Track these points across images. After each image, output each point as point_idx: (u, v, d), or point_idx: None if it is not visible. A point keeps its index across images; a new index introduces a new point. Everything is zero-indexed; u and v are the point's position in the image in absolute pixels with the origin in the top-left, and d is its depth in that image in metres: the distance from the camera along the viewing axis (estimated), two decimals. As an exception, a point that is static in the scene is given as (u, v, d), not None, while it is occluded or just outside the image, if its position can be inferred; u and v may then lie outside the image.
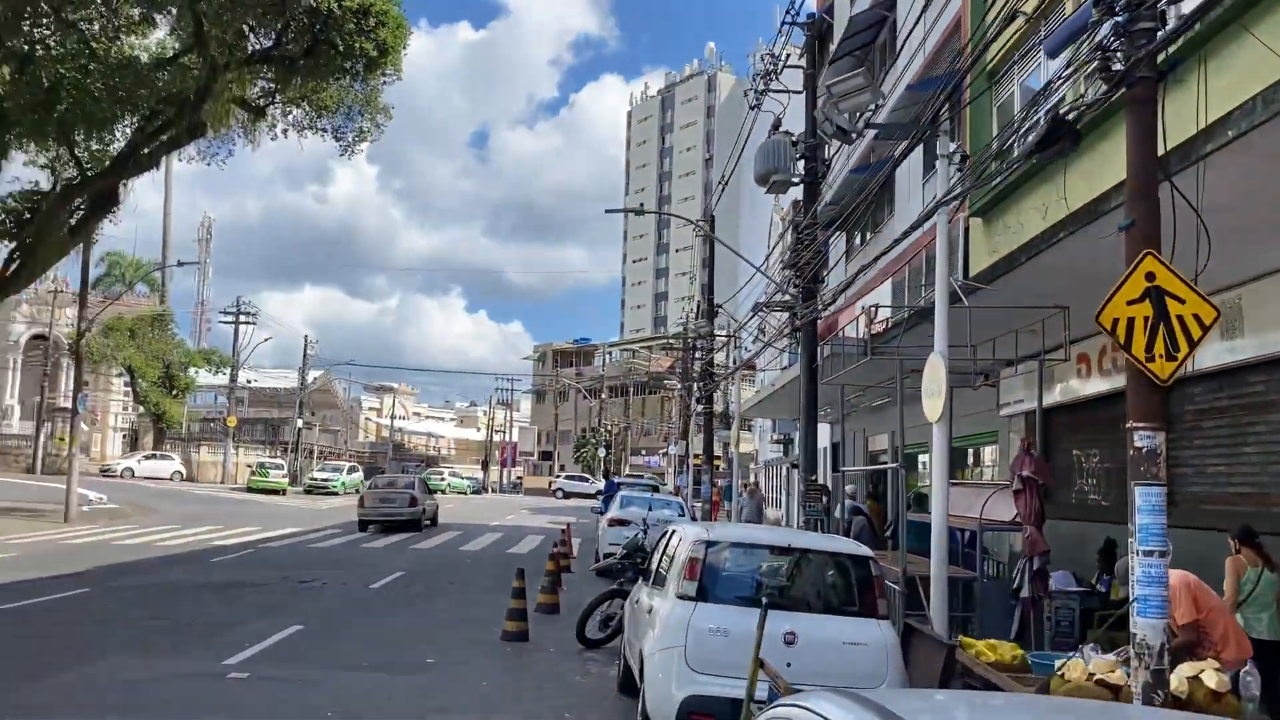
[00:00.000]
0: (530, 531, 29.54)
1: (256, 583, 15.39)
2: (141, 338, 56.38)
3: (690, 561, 7.08)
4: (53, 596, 13.37)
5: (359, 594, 14.69)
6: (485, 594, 15.33)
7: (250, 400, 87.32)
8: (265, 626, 11.46)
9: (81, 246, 31.25)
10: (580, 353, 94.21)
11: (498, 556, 21.76)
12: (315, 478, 52.43)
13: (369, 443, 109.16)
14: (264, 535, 24.75)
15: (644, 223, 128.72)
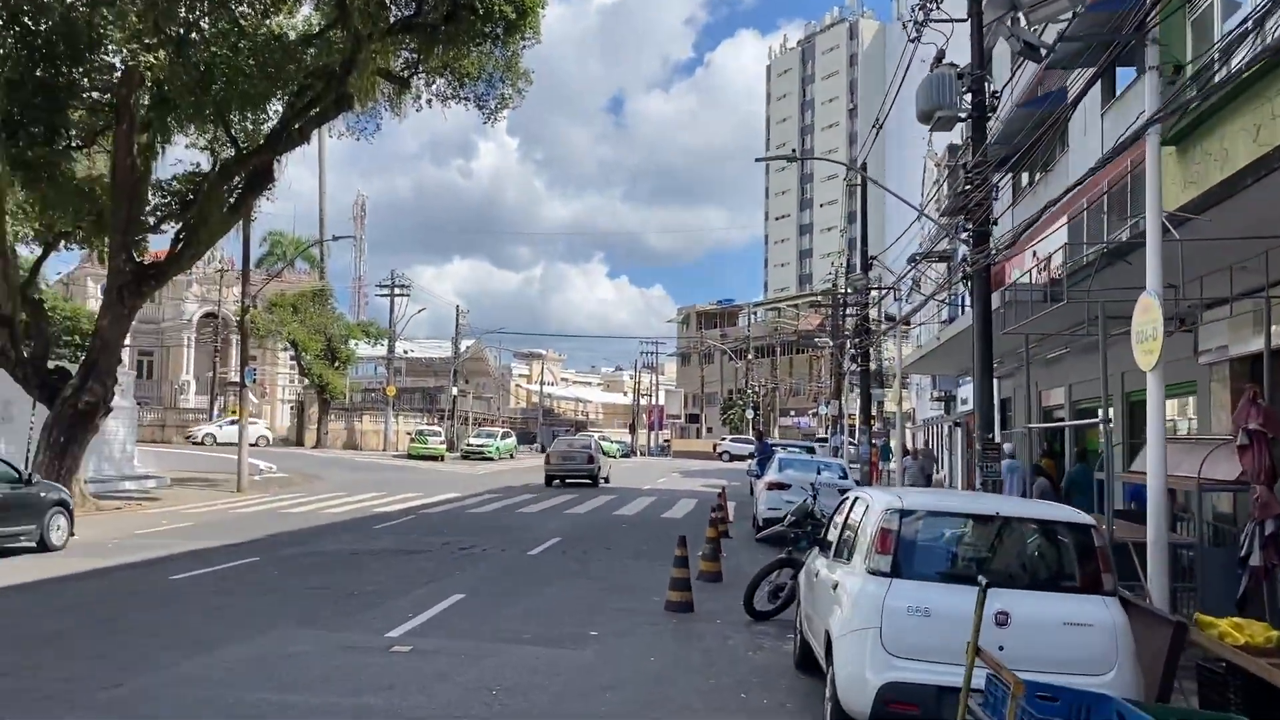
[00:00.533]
0: (683, 495, 29.13)
1: (418, 549, 15.39)
2: (303, 313, 58.58)
3: (882, 533, 6.32)
4: (224, 565, 13.62)
5: (518, 561, 14.48)
6: (643, 560, 14.91)
7: (407, 370, 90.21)
8: (427, 595, 11.29)
9: (241, 224, 32.38)
10: (724, 314, 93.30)
11: (653, 521, 21.39)
12: (471, 444, 53.60)
13: (520, 409, 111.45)
14: (424, 501, 25.12)
15: (786, 178, 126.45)
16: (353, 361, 62.77)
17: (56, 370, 24.27)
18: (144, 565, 13.69)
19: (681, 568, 11.25)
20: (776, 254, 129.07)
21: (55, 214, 26.99)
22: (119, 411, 33.13)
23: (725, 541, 16.31)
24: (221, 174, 24.93)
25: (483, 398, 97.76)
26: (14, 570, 13.00)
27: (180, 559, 14.28)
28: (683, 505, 25.52)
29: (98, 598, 11.25)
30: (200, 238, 24.67)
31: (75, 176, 26.23)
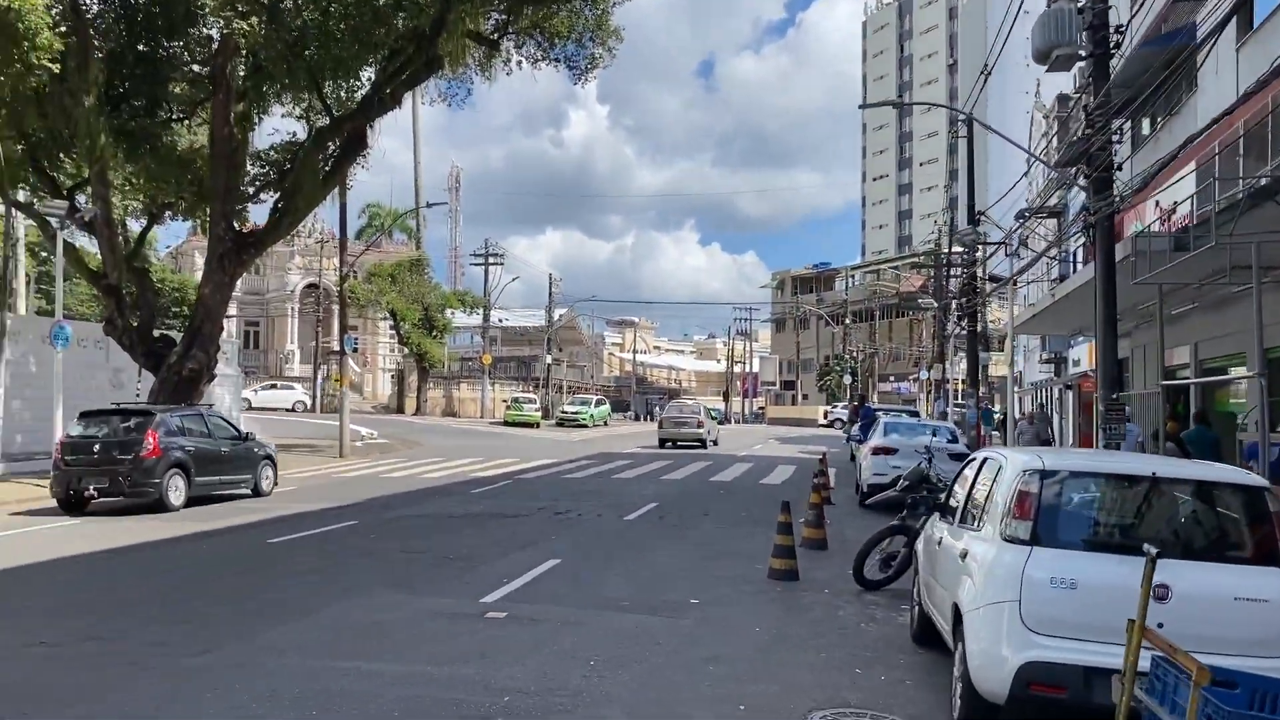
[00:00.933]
0: (781, 461, 28.47)
1: (514, 514, 15.15)
2: (401, 283, 59.32)
3: (1020, 496, 5.66)
4: (324, 529, 13.57)
5: (614, 526, 14.10)
6: (742, 526, 14.39)
7: (503, 339, 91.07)
8: (523, 560, 10.98)
9: (338, 192, 32.62)
10: (820, 278, 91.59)
11: (751, 487, 20.83)
12: (566, 411, 53.69)
13: (613, 377, 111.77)
14: (521, 467, 25.01)
15: (884, 137, 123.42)
16: (449, 330, 63.44)
17: (161, 338, 24.79)
18: (245, 529, 13.72)
19: (785, 534, 10.70)
20: (874, 216, 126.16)
21: (158, 185, 27.57)
22: (224, 379, 33.90)
23: (828, 508, 15.68)
24: (316, 141, 25.03)
25: (576, 366, 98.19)
26: (117, 532, 13.16)
27: (281, 522, 14.32)
28: (781, 471, 24.89)
29: (198, 561, 11.24)
30: (297, 205, 24.83)
31: (177, 148, 26.67)
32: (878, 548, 10.32)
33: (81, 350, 26.20)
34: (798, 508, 16.18)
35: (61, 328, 19.32)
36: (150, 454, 15.54)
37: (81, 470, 15.68)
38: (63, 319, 19.97)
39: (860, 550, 10.35)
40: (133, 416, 16.64)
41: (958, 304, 32.13)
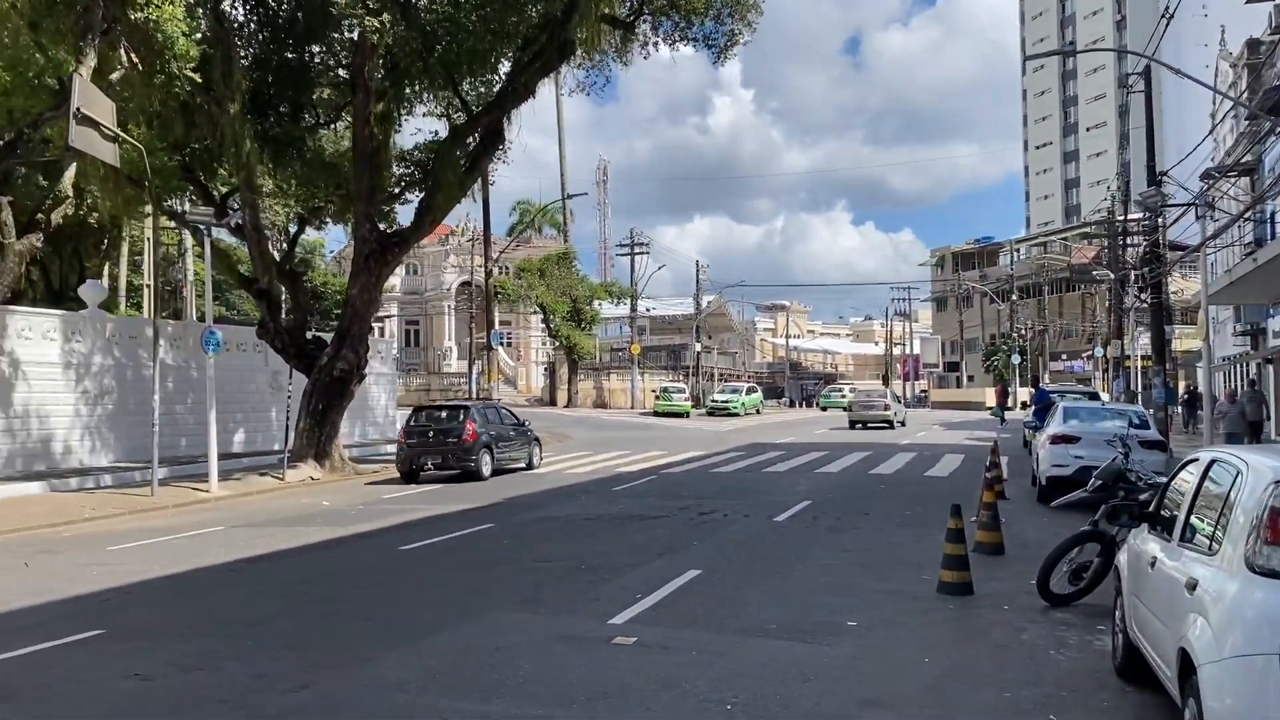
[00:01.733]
0: (947, 450, 26.66)
1: (655, 514, 14.28)
2: (550, 276, 59.60)
3: (1275, 514, 4.35)
4: (457, 534, 13.05)
5: (762, 528, 13.02)
6: (907, 528, 13.07)
7: (651, 328, 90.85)
8: (660, 570, 10.07)
9: (481, 187, 32.58)
10: (982, 253, 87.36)
11: (914, 480, 19.34)
12: (716, 400, 52.72)
13: (765, 363, 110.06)
14: (667, 460, 24.21)
15: (1046, 104, 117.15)
16: (598, 321, 63.41)
17: (314, 340, 25.12)
18: (377, 535, 13.34)
19: (956, 542, 9.41)
20: (1038, 186, 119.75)
21: (309, 190, 28.05)
22: (379, 378, 34.50)
23: (1003, 504, 14.19)
24: (454, 137, 24.84)
25: (727, 353, 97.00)
26: (260, 539, 12.99)
27: (415, 526, 13.90)
28: (947, 462, 23.19)
29: (321, 571, 10.82)
30: (438, 202, 24.67)
31: (324, 153, 27.06)
32: (1066, 557, 8.92)
33: (241, 354, 26.99)
34: (969, 505, 14.75)
35: (212, 333, 19.61)
36: (469, 437, 20.63)
37: (419, 450, 20.89)
38: (213, 324, 20.27)
39: (1046, 560, 8.96)
40: (454, 409, 22.02)
41: (1137, 275, 29.44)
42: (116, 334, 24.09)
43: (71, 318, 23.29)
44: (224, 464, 23.48)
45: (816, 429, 39.09)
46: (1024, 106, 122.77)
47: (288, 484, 21.16)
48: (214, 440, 19.75)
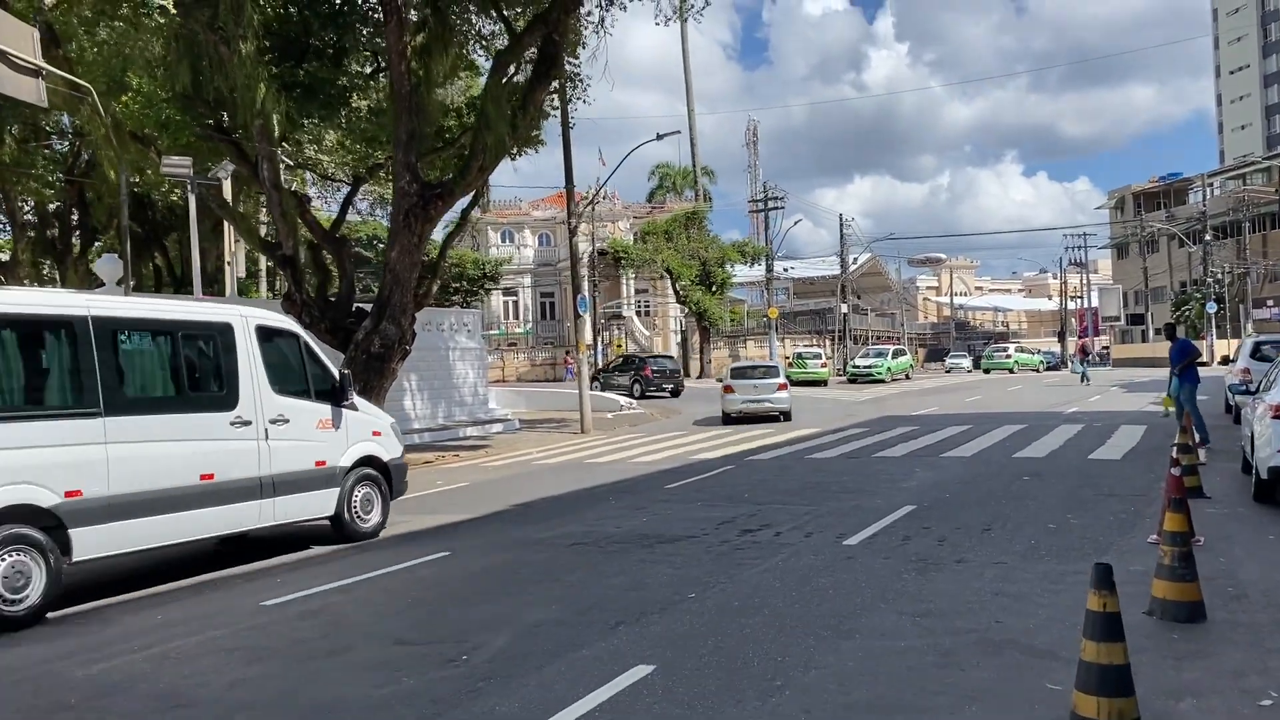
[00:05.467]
0: (1125, 420, 21.23)
1: (679, 536, 10.12)
2: (677, 238, 55.56)
3: None
4: (412, 562, 9.39)
5: (815, 563, 8.66)
6: (1040, 560, 8.45)
7: (799, 292, 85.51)
8: (587, 665, 5.99)
9: (561, 132, 28.78)
10: (1168, 191, 77.59)
11: (1072, 467, 14.38)
12: (856, 365, 47.63)
13: (929, 323, 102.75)
14: (766, 442, 19.93)
15: (1241, 22, 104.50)
16: (729, 285, 58.87)
17: (356, 313, 22.01)
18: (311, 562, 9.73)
19: (1107, 638, 4.91)
20: (1233, 115, 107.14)
21: (365, 146, 25.03)
22: (466, 354, 31.35)
23: (1199, 508, 9.39)
24: (498, 66, 21.07)
25: (885, 314, 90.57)
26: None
27: (385, 546, 10.37)
28: (1123, 436, 17.97)
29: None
30: (487, 144, 20.94)
31: (368, 105, 23.95)
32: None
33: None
34: (1147, 503, 10.04)
35: (205, 307, 16.60)
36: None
37: None
38: (201, 296, 17.23)
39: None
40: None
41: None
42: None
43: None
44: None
45: (969, 395, 33.74)
46: (1214, 28, 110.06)
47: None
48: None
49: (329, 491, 10.73)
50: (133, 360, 9.22)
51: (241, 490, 9.72)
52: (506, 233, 70.48)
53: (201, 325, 9.93)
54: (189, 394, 9.64)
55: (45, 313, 8.55)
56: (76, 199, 33.46)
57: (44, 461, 8.06)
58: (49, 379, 8.45)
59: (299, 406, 10.48)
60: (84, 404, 8.43)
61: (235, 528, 9.89)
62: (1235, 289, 62.94)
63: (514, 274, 66.31)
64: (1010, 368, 57.40)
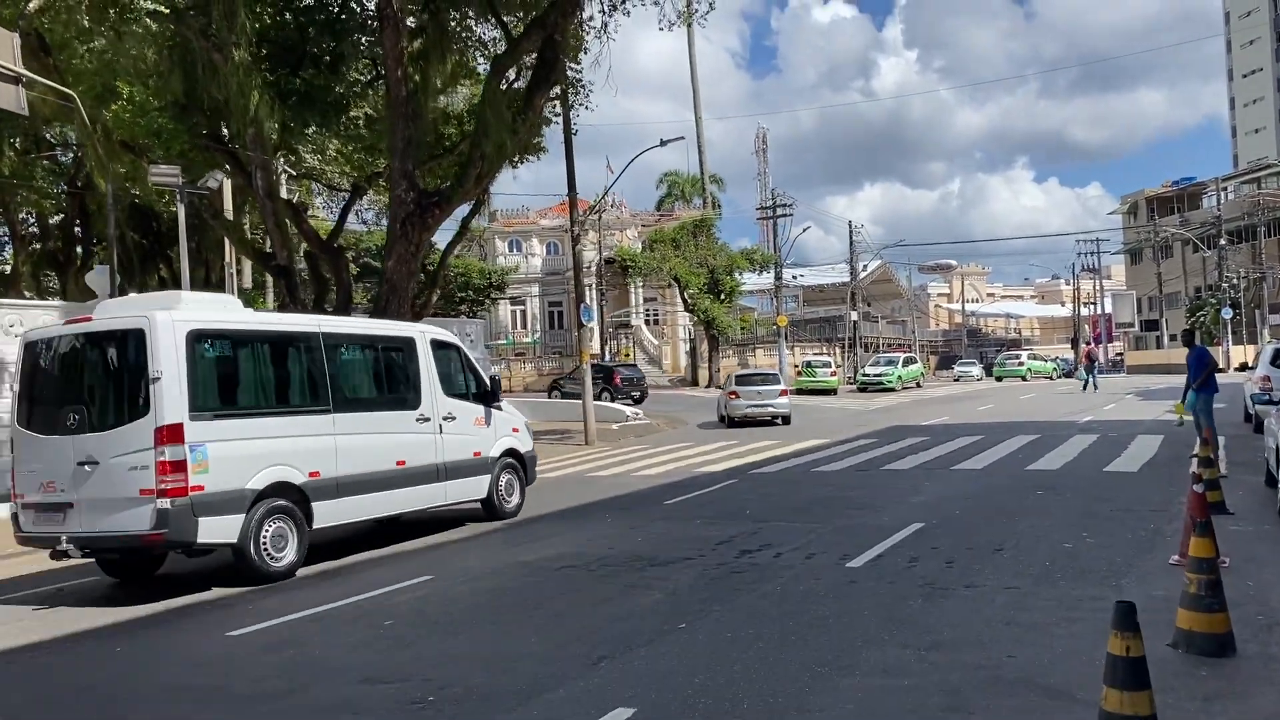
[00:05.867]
0: (1141, 429, 20.65)
1: (674, 558, 9.62)
2: (685, 247, 55.05)
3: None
4: (394, 587, 8.91)
5: (815, 588, 8.15)
6: (1055, 582, 7.93)
7: (809, 299, 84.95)
8: (558, 710, 5.52)
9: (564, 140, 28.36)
10: (1182, 196, 76.79)
11: (1088, 481, 13.83)
12: (867, 373, 46.98)
13: (941, 330, 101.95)
14: (772, 454, 19.41)
15: (1253, 25, 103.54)
16: (737, 293, 58.28)
17: (356, 323, 21.63)
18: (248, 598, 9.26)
19: (1132, 685, 4.42)
20: (1247, 118, 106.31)
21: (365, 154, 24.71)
22: (468, 364, 30.94)
23: (1223, 525, 8.85)
24: (495, 70, 20.70)
25: (896, 321, 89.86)
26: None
27: (367, 569, 9.91)
28: (1140, 447, 17.41)
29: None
30: (486, 151, 20.56)
31: (367, 113, 23.62)
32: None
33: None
34: (1167, 519, 9.54)
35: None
36: None
37: None
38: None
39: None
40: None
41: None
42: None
43: (73, 309, 20.51)
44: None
45: (981, 404, 33.13)
46: (1226, 31, 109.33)
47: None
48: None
49: (483, 478, 12.74)
50: (349, 368, 11.45)
51: (425, 474, 11.74)
52: (514, 242, 70.13)
53: (393, 339, 12.20)
54: (387, 395, 11.82)
55: (291, 330, 10.86)
56: (78, 211, 33.24)
57: (294, 448, 10.04)
58: (294, 382, 10.59)
59: (462, 406, 12.50)
60: (319, 403, 10.52)
61: (421, 505, 11.97)
62: (1251, 294, 62.15)
63: (521, 283, 65.94)
64: (1023, 375, 56.70)
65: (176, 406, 9.01)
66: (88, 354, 9.72)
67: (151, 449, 8.90)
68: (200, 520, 9.06)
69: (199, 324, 9.50)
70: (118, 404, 9.38)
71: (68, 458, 9.17)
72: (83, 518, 9.14)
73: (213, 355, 9.71)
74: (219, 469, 9.24)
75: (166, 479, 8.86)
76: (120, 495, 8.98)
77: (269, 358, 10.36)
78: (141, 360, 9.05)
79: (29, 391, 9.79)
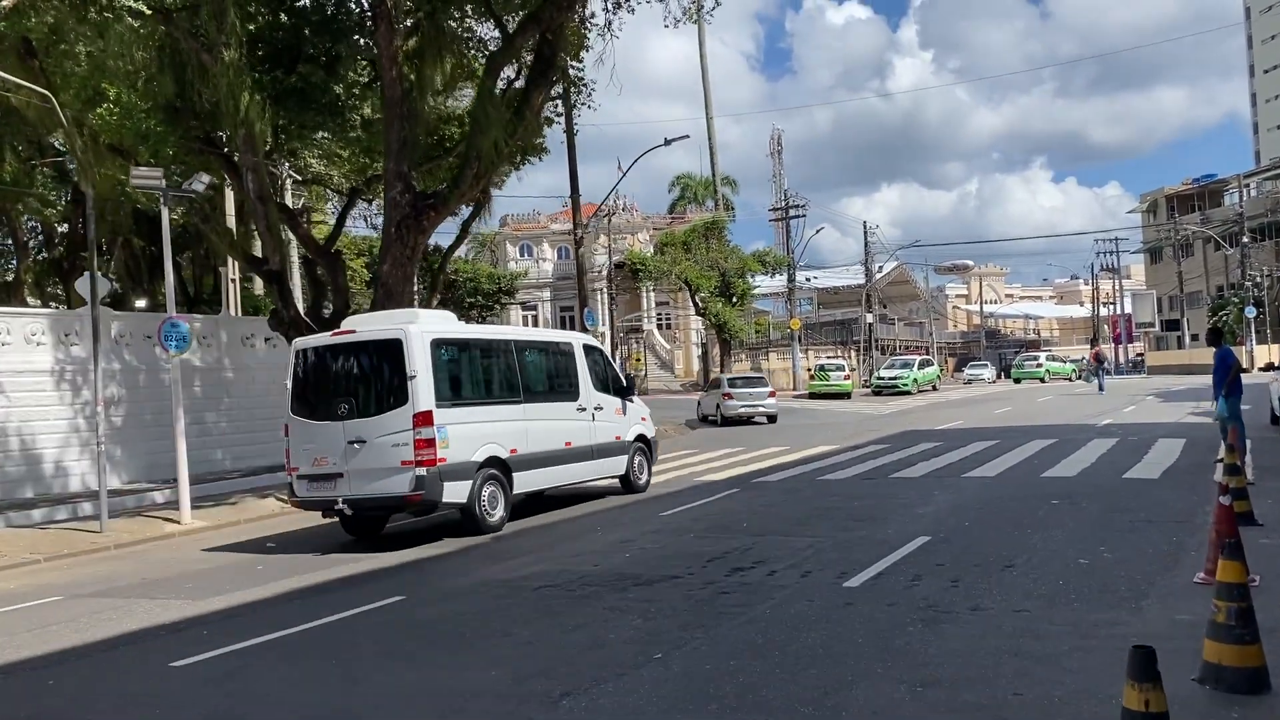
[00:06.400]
0: (1162, 432, 19.90)
1: (657, 575, 9.01)
2: (695, 249, 54.41)
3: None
4: (359, 609, 8.36)
5: (806, 611, 7.50)
6: (1068, 603, 7.27)
7: (824, 302, 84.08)
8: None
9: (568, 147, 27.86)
10: (1203, 193, 75.57)
11: (1105, 487, 13.12)
12: (882, 376, 46.22)
13: (959, 332, 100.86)
14: (778, 462, 18.77)
15: (1273, 21, 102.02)
16: (750, 296, 57.54)
17: (352, 330, 21.07)
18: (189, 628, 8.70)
19: (1148, 687, 3.79)
20: (1269, 115, 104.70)
21: (350, 154, 24.22)
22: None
23: (1252, 538, 8.15)
24: (490, 69, 20.14)
25: (913, 323, 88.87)
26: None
27: (337, 589, 9.29)
28: (1161, 451, 16.67)
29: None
30: (481, 151, 19.99)
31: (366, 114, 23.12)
32: None
33: (274, 351, 23.29)
34: (1190, 532, 8.90)
35: (174, 325, 15.70)
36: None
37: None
38: (175, 315, 16.31)
39: None
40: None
41: None
42: (126, 333, 20.80)
43: (64, 318, 20.14)
44: (244, 481, 19.93)
45: (999, 407, 32.37)
46: (1247, 26, 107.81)
47: (290, 509, 17.13)
48: (184, 460, 15.89)
49: (621, 458, 15.34)
50: (532, 367, 14.21)
51: (583, 453, 14.42)
52: (525, 247, 69.69)
53: (559, 344, 15.23)
54: (557, 389, 14.52)
55: (492, 337, 14.66)
56: (82, 218, 32.93)
57: (500, 430, 12.70)
58: (497, 378, 13.49)
59: (606, 399, 15.19)
60: (514, 394, 13.38)
61: (579, 479, 14.71)
62: (1275, 292, 60.98)
63: (533, 288, 65.44)
64: (1041, 377, 55.75)
65: (427, 397, 11.65)
66: (352, 358, 12.43)
67: (410, 430, 11.51)
68: (444, 485, 11.69)
69: (436, 334, 12.29)
70: (379, 396, 11.96)
71: (339, 438, 11.81)
72: (352, 484, 11.78)
73: (446, 358, 12.42)
74: (454, 446, 11.83)
75: (422, 453, 11.48)
76: (385, 466, 11.62)
77: (480, 359, 13.39)
78: (399, 362, 11.68)
79: (301, 387, 12.56)
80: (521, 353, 13.97)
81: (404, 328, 11.94)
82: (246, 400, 22.56)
